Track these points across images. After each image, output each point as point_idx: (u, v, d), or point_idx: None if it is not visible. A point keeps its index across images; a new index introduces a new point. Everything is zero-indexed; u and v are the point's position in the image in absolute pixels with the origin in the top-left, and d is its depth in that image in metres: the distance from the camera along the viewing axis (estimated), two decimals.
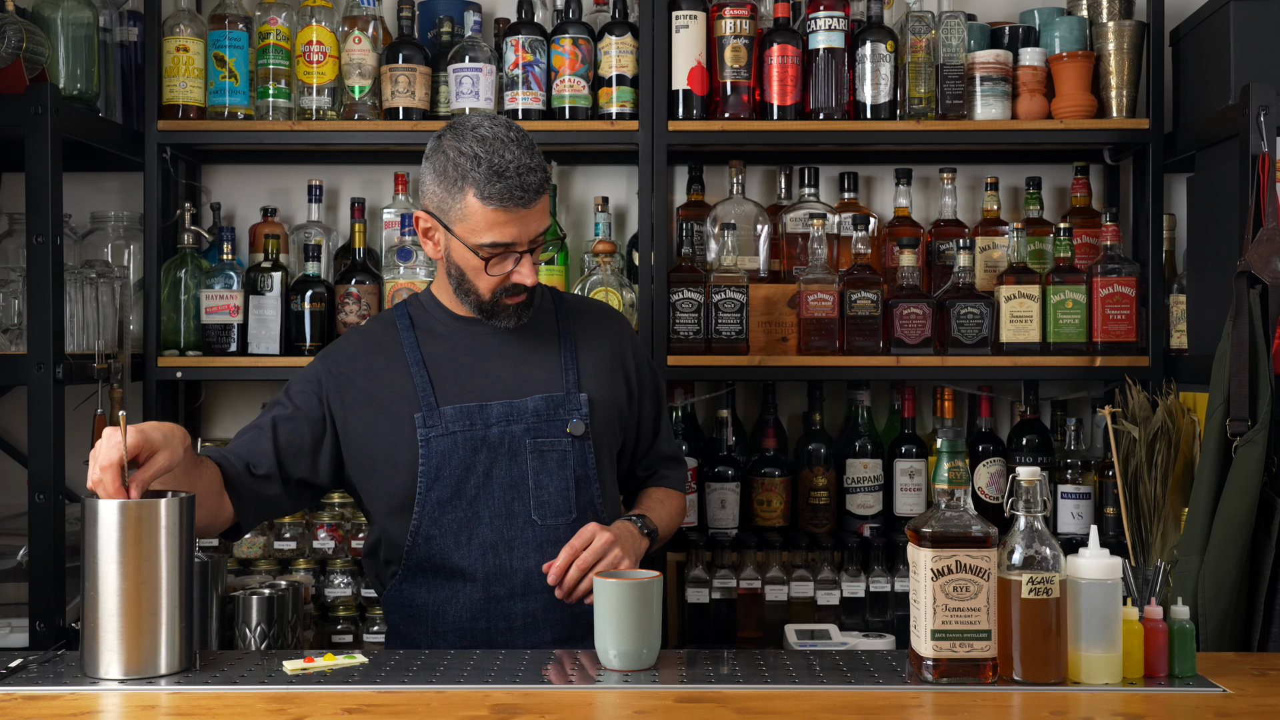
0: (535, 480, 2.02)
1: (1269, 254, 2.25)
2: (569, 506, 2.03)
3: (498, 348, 2.07)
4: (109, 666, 1.64)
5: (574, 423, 2.03)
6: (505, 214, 1.92)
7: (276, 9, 2.83)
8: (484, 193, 1.91)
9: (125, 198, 3.05)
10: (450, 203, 1.95)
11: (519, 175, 1.91)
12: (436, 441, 2.00)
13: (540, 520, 2.01)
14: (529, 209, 1.94)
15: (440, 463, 1.99)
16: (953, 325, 2.75)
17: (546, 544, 2.00)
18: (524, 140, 1.95)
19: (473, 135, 1.94)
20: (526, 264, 1.97)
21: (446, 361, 2.06)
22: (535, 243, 1.98)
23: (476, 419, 2.01)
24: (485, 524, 2.00)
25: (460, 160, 1.93)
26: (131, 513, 1.65)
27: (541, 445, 2.02)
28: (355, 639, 2.84)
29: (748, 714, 1.52)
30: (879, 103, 2.79)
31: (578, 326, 2.14)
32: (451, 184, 1.94)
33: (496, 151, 1.91)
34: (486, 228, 1.94)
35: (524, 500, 2.01)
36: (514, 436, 2.01)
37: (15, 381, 2.60)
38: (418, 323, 2.11)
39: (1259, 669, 1.75)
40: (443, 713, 1.53)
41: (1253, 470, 2.20)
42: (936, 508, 1.65)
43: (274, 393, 3.02)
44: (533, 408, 2.03)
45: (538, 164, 1.94)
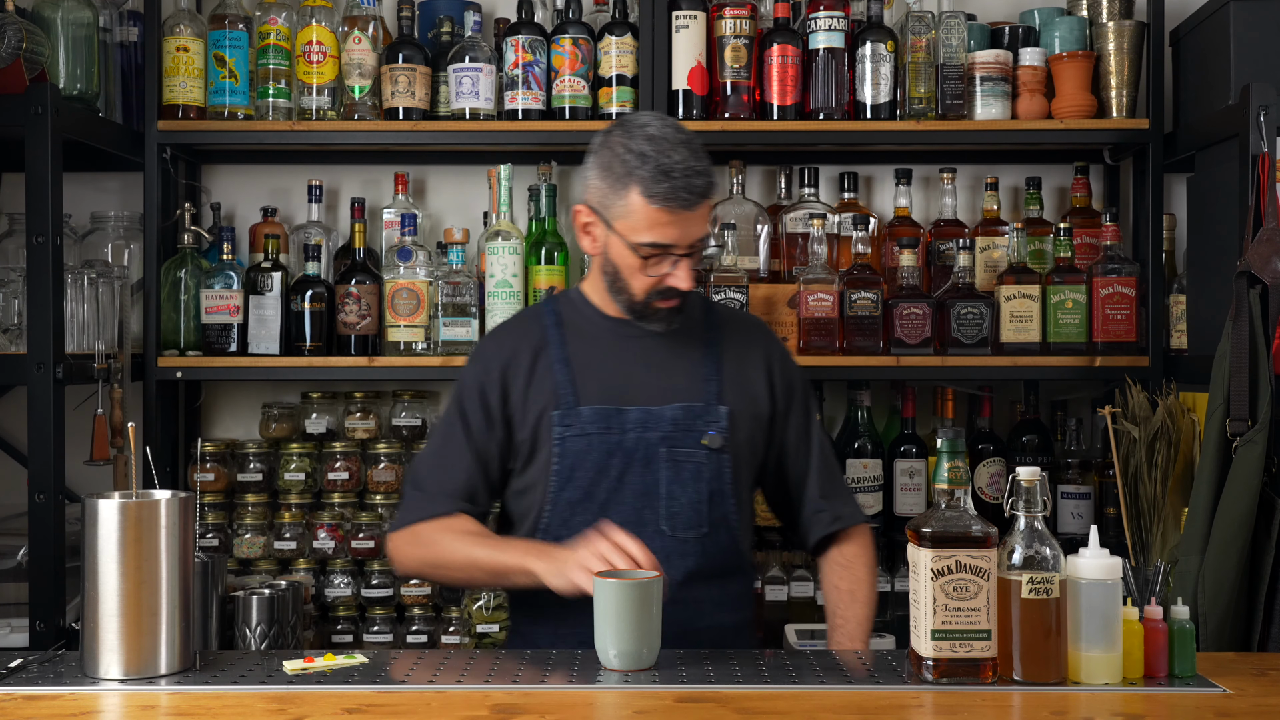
0: (668, 490, 1.99)
1: (1269, 254, 2.25)
2: (701, 520, 2.00)
3: (643, 352, 2.05)
4: (109, 666, 1.64)
5: (711, 435, 2.01)
6: (667, 214, 1.90)
7: (276, 9, 2.83)
8: (648, 191, 1.90)
9: (125, 198, 3.05)
10: (613, 199, 1.94)
11: (685, 177, 1.89)
12: (572, 441, 1.98)
13: (670, 531, 1.99)
14: (691, 212, 1.92)
15: (574, 463, 1.98)
16: (953, 325, 2.75)
17: (674, 555, 1.98)
18: (693, 142, 1.94)
19: (642, 133, 1.93)
20: (684, 267, 1.95)
21: (590, 361, 2.04)
22: (694, 248, 1.95)
23: (614, 422, 1.99)
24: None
25: (627, 157, 1.91)
26: (131, 513, 1.65)
27: (676, 455, 2.00)
28: (355, 639, 2.84)
29: (748, 714, 1.52)
30: (879, 103, 2.79)
31: (725, 337, 2.11)
32: (616, 180, 1.93)
33: (664, 151, 1.90)
34: (647, 227, 1.92)
35: (654, 509, 1.99)
36: (649, 444, 1.99)
37: (15, 381, 2.60)
38: (565, 319, 2.09)
39: (1259, 669, 1.75)
40: (443, 713, 1.53)
41: (1253, 470, 2.20)
42: (936, 508, 1.65)
43: (274, 393, 3.04)
44: (670, 416, 2.00)
45: (704, 167, 1.93)
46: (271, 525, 2.89)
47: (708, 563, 2.02)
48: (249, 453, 2.91)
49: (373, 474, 2.90)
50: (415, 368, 2.77)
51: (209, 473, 2.88)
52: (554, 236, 2.84)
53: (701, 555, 2.01)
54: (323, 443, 2.93)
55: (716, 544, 2.02)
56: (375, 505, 2.89)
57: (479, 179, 3.05)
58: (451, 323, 2.77)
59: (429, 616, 2.85)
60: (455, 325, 2.77)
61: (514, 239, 2.78)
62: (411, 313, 2.77)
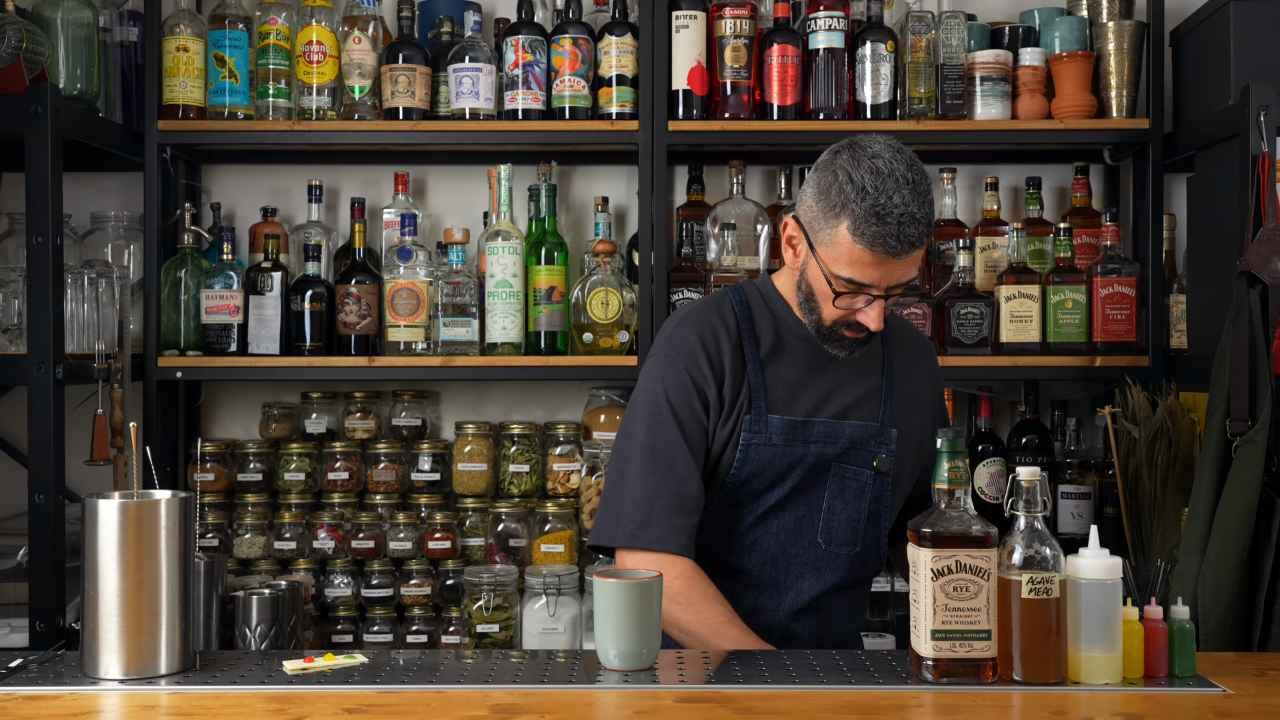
0: (829, 505, 1.98)
1: (1269, 254, 2.25)
2: (855, 538, 1.99)
3: (828, 361, 2.00)
4: (109, 666, 1.64)
5: (882, 458, 1.99)
6: (872, 256, 1.83)
7: (276, 9, 2.83)
8: (858, 229, 1.82)
9: (125, 198, 3.05)
10: (822, 224, 1.87)
11: (899, 224, 1.81)
12: (757, 450, 1.95)
13: (824, 545, 1.98)
14: (899, 259, 1.84)
15: (754, 471, 1.95)
16: (953, 325, 2.75)
17: (825, 569, 1.98)
18: (920, 184, 1.84)
19: (869, 163, 1.84)
20: (877, 309, 1.88)
21: (782, 367, 1.99)
22: (893, 291, 1.89)
23: (798, 434, 1.96)
24: (771, 535, 1.96)
25: (847, 187, 1.83)
26: (131, 513, 1.65)
27: (844, 472, 1.98)
28: (355, 639, 2.84)
29: (748, 714, 1.52)
30: (879, 103, 2.79)
31: (899, 355, 2.08)
32: (830, 205, 1.85)
33: (885, 191, 1.81)
34: (849, 263, 1.85)
35: (813, 521, 1.98)
36: (824, 458, 1.97)
37: (15, 381, 2.60)
38: (756, 314, 2.02)
39: (1259, 669, 1.74)
40: (443, 713, 1.53)
41: (1253, 470, 2.20)
42: (936, 508, 1.65)
43: (274, 393, 3.04)
44: (849, 434, 1.98)
45: (924, 215, 1.83)
46: (271, 525, 2.89)
47: (851, 577, 2.02)
48: (249, 453, 2.91)
49: (373, 474, 2.90)
50: (415, 368, 2.77)
51: (209, 473, 2.88)
52: (554, 236, 2.84)
53: (849, 572, 2.01)
54: (323, 443, 2.93)
55: (864, 561, 2.02)
56: (375, 505, 2.89)
57: (479, 179, 3.05)
58: (451, 323, 2.77)
59: (429, 616, 2.85)
60: (455, 325, 2.77)
61: (514, 239, 2.78)
62: (411, 313, 2.77)
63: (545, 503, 2.88)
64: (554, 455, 2.90)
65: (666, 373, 1.96)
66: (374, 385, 3.00)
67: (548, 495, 2.90)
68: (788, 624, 1.99)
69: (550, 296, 2.80)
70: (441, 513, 2.88)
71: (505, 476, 2.89)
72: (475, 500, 2.89)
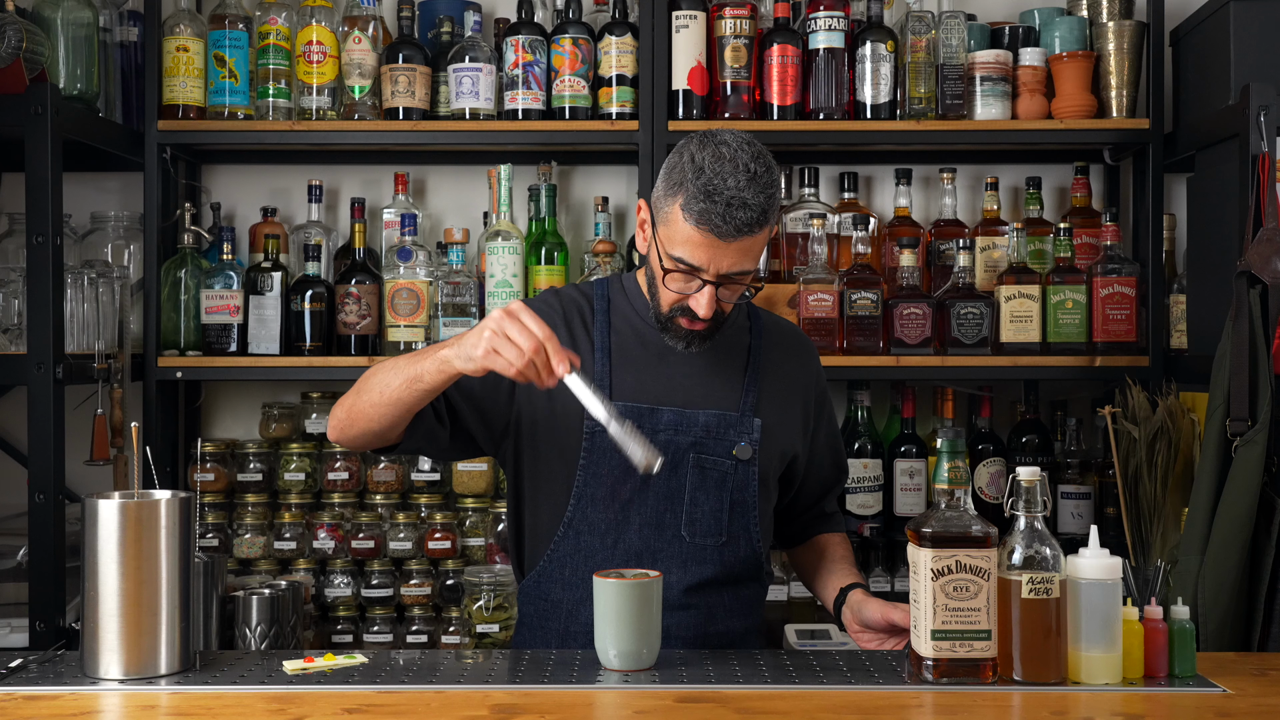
0: (691, 496, 1.97)
1: (1269, 254, 2.25)
2: (720, 528, 1.98)
3: (684, 354, 2.00)
4: (109, 666, 1.64)
5: (741, 446, 1.98)
6: (700, 236, 1.83)
7: (276, 9, 2.83)
8: (688, 205, 1.83)
9: (125, 198, 3.05)
10: (663, 203, 1.89)
11: (728, 205, 1.81)
12: (601, 436, 1.92)
13: (689, 537, 1.97)
14: (726, 243, 1.83)
15: (601, 458, 1.95)
16: (953, 325, 2.75)
17: (691, 561, 1.97)
18: (762, 176, 1.85)
19: (713, 148, 1.86)
20: (706, 295, 1.87)
21: (631, 355, 2.00)
22: (727, 279, 1.88)
23: (645, 422, 1.95)
24: (634, 530, 1.96)
25: (686, 167, 1.85)
26: (131, 513, 1.65)
27: (704, 462, 1.97)
28: (355, 639, 2.84)
29: (748, 714, 1.52)
30: (879, 103, 2.79)
31: (768, 348, 2.07)
32: (671, 185, 1.87)
33: (721, 173, 1.82)
34: (681, 241, 1.86)
35: (676, 514, 1.97)
36: (679, 448, 1.96)
37: (15, 381, 2.60)
38: (615, 306, 2.04)
39: (1259, 669, 1.75)
40: (443, 713, 1.53)
41: (1253, 470, 2.20)
42: (936, 508, 1.65)
43: (274, 393, 3.04)
44: (703, 422, 1.97)
45: (757, 203, 1.83)
46: (271, 525, 2.89)
47: (724, 571, 2.00)
48: (249, 453, 2.91)
49: (373, 474, 2.90)
50: None
51: (209, 473, 2.88)
52: (554, 236, 2.84)
53: (719, 564, 1.99)
54: (323, 443, 2.93)
55: (734, 553, 2.00)
56: (375, 505, 2.89)
57: (479, 179, 3.05)
58: (451, 323, 2.77)
59: (429, 616, 2.85)
60: (455, 325, 2.77)
61: (514, 239, 2.78)
62: (411, 313, 2.78)
63: None
64: None
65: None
66: None
67: None
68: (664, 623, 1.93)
69: None
70: (441, 513, 2.88)
71: None
72: (475, 500, 2.89)
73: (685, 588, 1.96)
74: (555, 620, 2.00)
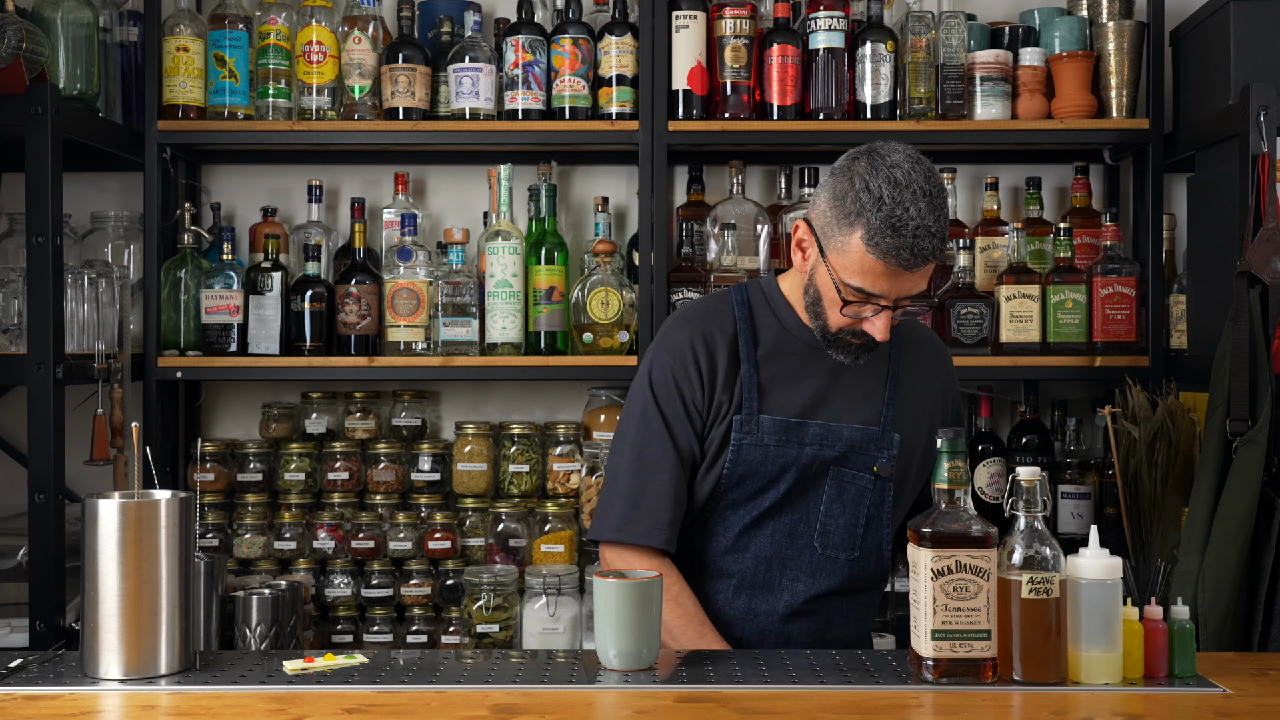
0: (827, 508, 1.97)
1: (1269, 254, 2.25)
2: (853, 542, 1.98)
3: (830, 364, 1.98)
4: (109, 666, 1.64)
5: (883, 463, 1.96)
6: (884, 268, 1.81)
7: (276, 9, 2.83)
8: (871, 240, 1.80)
9: (125, 198, 3.05)
10: (835, 230, 1.85)
11: (914, 237, 1.79)
12: (748, 450, 1.94)
13: (821, 549, 1.97)
14: (911, 272, 1.82)
15: (746, 472, 1.94)
16: (953, 325, 2.75)
17: (820, 573, 1.97)
18: (937, 197, 1.82)
19: (887, 174, 1.81)
20: (884, 319, 1.86)
21: (779, 366, 1.98)
22: (901, 302, 1.87)
23: (792, 436, 1.94)
24: (766, 536, 1.95)
25: (863, 195, 1.81)
26: (131, 513, 1.65)
27: (843, 476, 1.96)
28: (355, 639, 2.84)
29: (748, 714, 1.52)
30: (879, 103, 2.79)
31: (907, 359, 2.04)
32: (845, 213, 1.83)
33: (902, 203, 1.79)
34: (859, 272, 1.83)
35: (810, 524, 1.97)
36: (822, 461, 1.95)
37: (15, 381, 2.60)
38: (758, 315, 2.01)
39: (1259, 669, 1.75)
40: (443, 713, 1.53)
41: (1253, 470, 2.20)
42: (936, 508, 1.65)
43: (274, 393, 3.04)
44: (847, 437, 1.96)
45: (939, 229, 1.81)
46: (271, 525, 2.89)
47: (850, 583, 2.00)
48: (249, 453, 2.91)
49: (373, 474, 2.90)
50: (415, 368, 2.77)
51: (209, 473, 2.88)
52: (554, 236, 2.84)
53: (847, 576, 1.99)
54: (323, 443, 2.93)
55: (864, 568, 2.00)
56: (375, 505, 2.89)
57: (479, 179, 3.05)
58: (451, 323, 2.77)
59: (429, 616, 2.85)
60: (455, 325, 2.77)
61: (514, 239, 2.78)
62: (411, 313, 2.77)
63: (545, 503, 2.88)
64: (554, 455, 2.90)
65: (655, 373, 1.99)
66: (374, 385, 3.00)
67: (548, 495, 2.90)
68: (782, 626, 1.98)
69: (550, 296, 2.80)
70: (441, 513, 2.88)
71: (505, 476, 2.89)
72: (475, 500, 2.89)
73: (809, 596, 1.97)
74: None
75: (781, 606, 1.98)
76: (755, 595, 1.98)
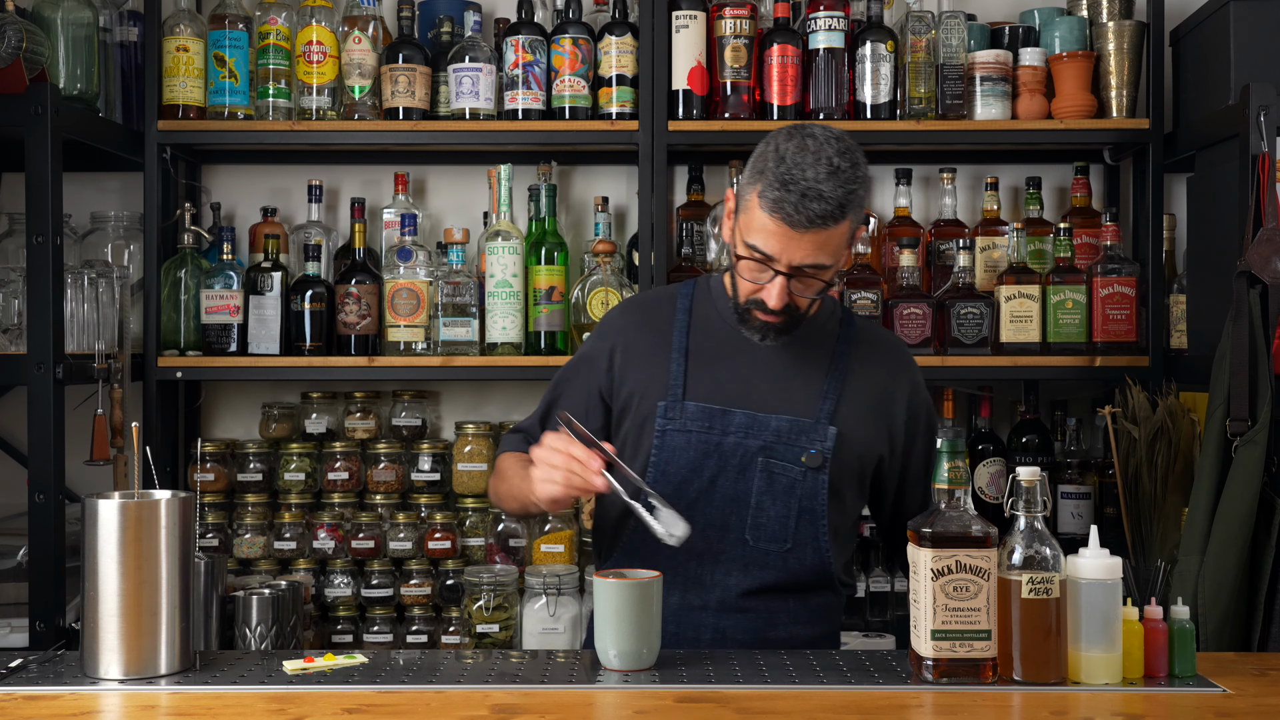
0: (757, 500, 1.96)
1: (1269, 254, 2.25)
2: (786, 535, 1.96)
3: (766, 355, 2.00)
4: (109, 666, 1.64)
5: (811, 453, 1.95)
6: (774, 224, 1.83)
7: (276, 9, 2.83)
8: (764, 193, 1.84)
9: (125, 198, 3.05)
10: (745, 192, 1.89)
11: (802, 195, 1.80)
12: (672, 436, 1.95)
13: (752, 541, 1.96)
14: (799, 233, 1.82)
15: (670, 458, 1.95)
16: (953, 325, 2.75)
17: (753, 566, 1.96)
18: (844, 171, 1.83)
19: (799, 139, 1.85)
20: (776, 286, 1.87)
21: (709, 355, 2.00)
22: (800, 272, 1.87)
23: (716, 423, 1.95)
24: (697, 531, 1.92)
25: (769, 155, 1.85)
26: (131, 513, 1.65)
27: (772, 467, 1.95)
28: (355, 639, 2.84)
29: (748, 714, 1.52)
30: (879, 103, 2.79)
31: (856, 356, 2.03)
32: (754, 173, 1.87)
33: (801, 164, 1.82)
34: (757, 230, 1.85)
35: (741, 517, 1.96)
36: (748, 451, 1.95)
37: (15, 381, 2.60)
38: (697, 306, 2.05)
39: (1259, 669, 1.75)
40: (443, 713, 1.53)
41: (1253, 470, 2.20)
42: (936, 508, 1.65)
43: (274, 393, 3.04)
44: (775, 426, 1.96)
45: (835, 196, 1.81)
46: (271, 525, 2.89)
47: (788, 578, 1.98)
48: (249, 453, 2.91)
49: (373, 474, 2.90)
50: (415, 368, 2.77)
51: (209, 473, 2.88)
52: (554, 236, 2.84)
53: (782, 570, 1.97)
54: (323, 443, 2.93)
55: (800, 561, 1.98)
56: (375, 505, 2.89)
57: (479, 179, 3.05)
58: (451, 323, 2.77)
59: (429, 616, 2.85)
60: (455, 325, 2.77)
61: (514, 239, 2.78)
62: (411, 313, 2.78)
63: None
64: None
65: (580, 351, 2.12)
66: (374, 385, 3.00)
67: None
68: (716, 622, 1.97)
69: (550, 296, 2.80)
70: (441, 513, 2.88)
71: None
72: (475, 500, 2.89)
73: (743, 591, 1.96)
74: None
75: (714, 602, 1.96)
76: (689, 590, 1.96)
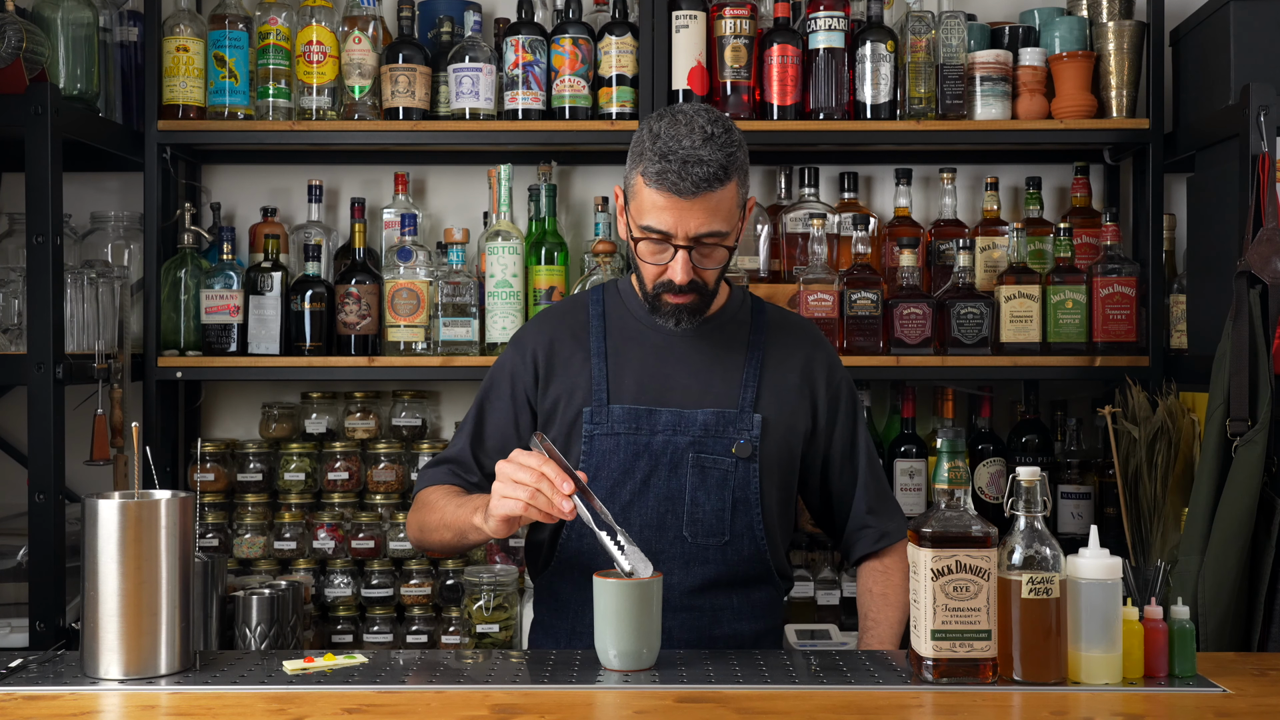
0: (692, 496, 1.96)
1: (1269, 254, 2.25)
2: (723, 528, 1.97)
3: (682, 351, 2.01)
4: (109, 666, 1.64)
5: (740, 443, 1.96)
6: (664, 199, 1.85)
7: (276, 9, 2.83)
8: (647, 170, 1.85)
9: (125, 198, 3.05)
10: (630, 178, 1.91)
11: (684, 163, 1.82)
12: (600, 440, 1.96)
13: (690, 537, 1.96)
14: (687, 200, 1.84)
15: (600, 462, 1.96)
16: (953, 325, 2.75)
17: (694, 562, 1.96)
18: (719, 138, 1.85)
19: (669, 117, 1.88)
20: (679, 261, 1.88)
21: (629, 357, 2.01)
22: (698, 242, 1.88)
23: (644, 423, 1.96)
24: (634, 533, 1.93)
25: (644, 137, 1.88)
26: (131, 513, 1.65)
27: (704, 461, 1.96)
28: (355, 639, 2.84)
29: (748, 714, 1.52)
30: (879, 103, 2.79)
31: (771, 341, 2.05)
32: (634, 158, 1.89)
33: (676, 136, 1.84)
34: (648, 209, 1.87)
35: (677, 514, 1.96)
36: (677, 448, 1.96)
37: (15, 381, 2.60)
38: (609, 310, 2.06)
39: (1259, 669, 1.75)
40: (443, 713, 1.53)
41: (1253, 470, 2.20)
42: (936, 508, 1.65)
43: (274, 393, 3.04)
44: (701, 421, 1.96)
45: (716, 159, 1.83)
46: (271, 525, 2.89)
47: (728, 571, 1.98)
48: (249, 453, 2.91)
49: (373, 474, 2.90)
50: (415, 368, 2.77)
51: (209, 473, 2.88)
52: (554, 236, 2.84)
53: (722, 563, 1.98)
54: (323, 443, 2.93)
55: (738, 553, 1.99)
56: (375, 505, 2.89)
57: (479, 179, 3.05)
58: (451, 323, 2.77)
59: (429, 616, 2.85)
60: (455, 325, 2.77)
61: (514, 239, 2.78)
62: (411, 313, 2.78)
63: None
64: None
65: (494, 368, 2.11)
66: (374, 385, 3.00)
67: None
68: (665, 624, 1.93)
69: (550, 296, 2.80)
70: None
71: None
72: None
73: (687, 589, 1.96)
74: (564, 619, 2.01)
75: None
76: None
